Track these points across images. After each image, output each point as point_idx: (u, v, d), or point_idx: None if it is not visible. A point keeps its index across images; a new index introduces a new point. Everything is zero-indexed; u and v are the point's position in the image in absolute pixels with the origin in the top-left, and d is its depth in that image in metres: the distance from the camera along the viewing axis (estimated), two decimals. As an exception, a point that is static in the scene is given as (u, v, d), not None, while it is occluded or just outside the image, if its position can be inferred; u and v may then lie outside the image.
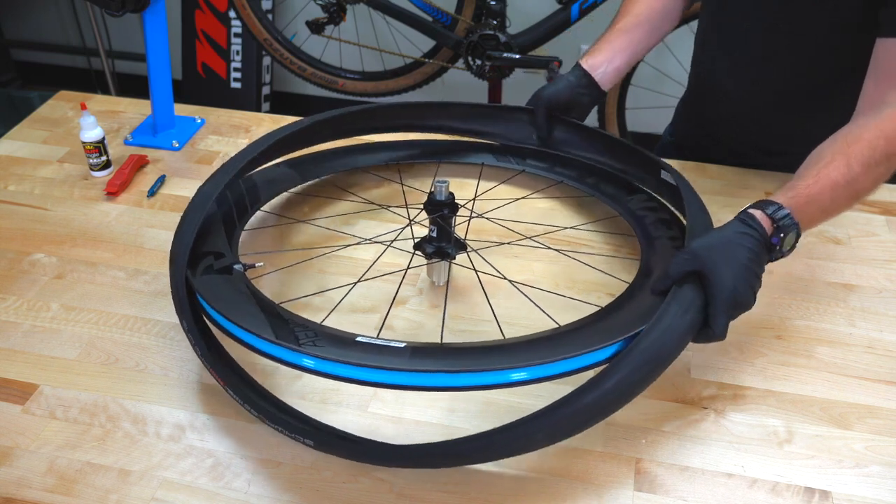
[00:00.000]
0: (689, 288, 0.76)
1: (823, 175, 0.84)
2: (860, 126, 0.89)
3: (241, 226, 0.99)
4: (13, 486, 0.75)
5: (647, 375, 0.72)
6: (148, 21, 1.21)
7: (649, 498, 0.75)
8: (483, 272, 0.97)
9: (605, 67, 1.12)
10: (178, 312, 0.83)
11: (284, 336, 0.74)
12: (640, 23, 1.15)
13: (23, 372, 0.87)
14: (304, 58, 2.42)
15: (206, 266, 0.86)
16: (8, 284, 0.99)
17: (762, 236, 0.78)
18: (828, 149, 0.87)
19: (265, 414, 0.78)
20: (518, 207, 1.12)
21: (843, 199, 0.86)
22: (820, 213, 0.85)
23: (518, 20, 2.22)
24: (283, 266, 1.01)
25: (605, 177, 1.12)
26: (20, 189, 1.17)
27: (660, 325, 0.73)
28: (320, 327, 0.78)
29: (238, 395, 0.79)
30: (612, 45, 1.13)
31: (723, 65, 1.18)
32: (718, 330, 0.74)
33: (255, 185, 1.07)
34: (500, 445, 0.72)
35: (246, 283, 0.85)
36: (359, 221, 1.10)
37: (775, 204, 0.80)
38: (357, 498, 0.74)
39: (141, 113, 1.37)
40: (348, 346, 0.74)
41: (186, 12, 2.81)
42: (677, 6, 1.18)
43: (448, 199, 0.93)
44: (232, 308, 0.77)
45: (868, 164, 0.85)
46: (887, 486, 0.76)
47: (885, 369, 0.88)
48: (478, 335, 0.92)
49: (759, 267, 0.77)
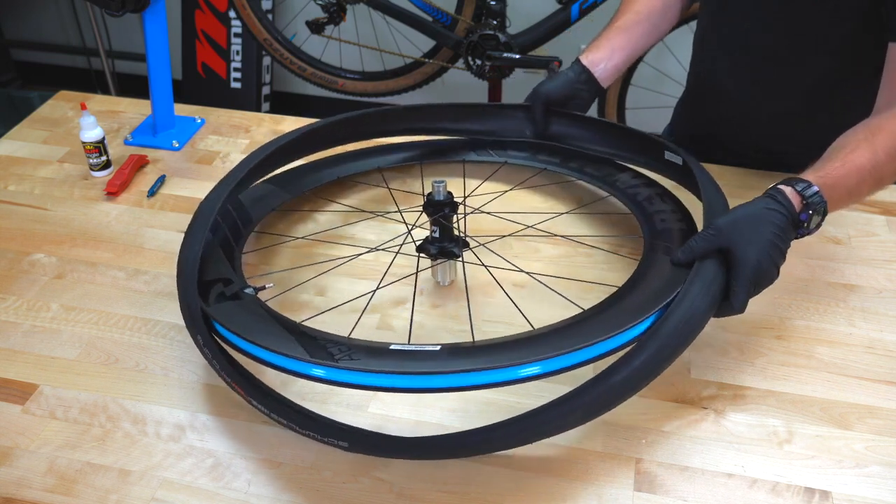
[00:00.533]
0: (711, 263, 0.77)
1: (850, 160, 0.85)
2: (883, 118, 0.90)
3: (238, 248, 0.98)
4: (13, 486, 0.75)
5: (672, 353, 0.73)
6: (148, 21, 1.21)
7: (649, 498, 0.75)
8: (494, 266, 0.96)
9: (605, 64, 1.12)
10: (190, 326, 0.82)
11: (318, 354, 0.73)
12: (640, 21, 1.15)
13: (23, 372, 0.87)
14: (304, 58, 2.42)
15: (218, 294, 0.85)
16: (8, 284, 0.99)
17: (790, 212, 0.79)
18: (852, 137, 0.88)
19: (294, 421, 0.77)
20: (508, 200, 1.12)
21: (867, 184, 0.87)
22: (847, 195, 0.85)
23: (518, 20, 2.22)
24: (291, 286, 0.98)
25: (588, 159, 1.13)
26: (20, 189, 1.17)
27: (684, 303, 0.74)
28: (350, 340, 0.77)
29: (269, 408, 0.78)
30: (612, 43, 1.14)
31: (723, 65, 1.18)
32: (738, 305, 0.76)
33: (243, 205, 1.05)
34: (537, 426, 0.72)
35: (262, 306, 0.84)
36: (353, 231, 1.09)
37: (805, 181, 0.81)
38: (357, 498, 0.74)
39: (141, 113, 1.37)
40: (383, 355, 0.74)
41: (186, 12, 2.81)
42: (677, 5, 1.19)
43: (447, 198, 0.93)
44: (258, 333, 0.76)
45: (892, 152, 0.86)
46: (887, 486, 0.76)
47: (885, 369, 0.88)
48: (497, 325, 0.91)
49: (785, 243, 0.78)
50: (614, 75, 1.15)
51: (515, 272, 0.97)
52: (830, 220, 1.10)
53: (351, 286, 0.99)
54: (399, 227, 1.07)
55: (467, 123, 1.18)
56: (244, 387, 0.78)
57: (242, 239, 1.01)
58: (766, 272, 0.77)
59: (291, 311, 0.95)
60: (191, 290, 0.83)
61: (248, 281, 0.91)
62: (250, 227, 1.03)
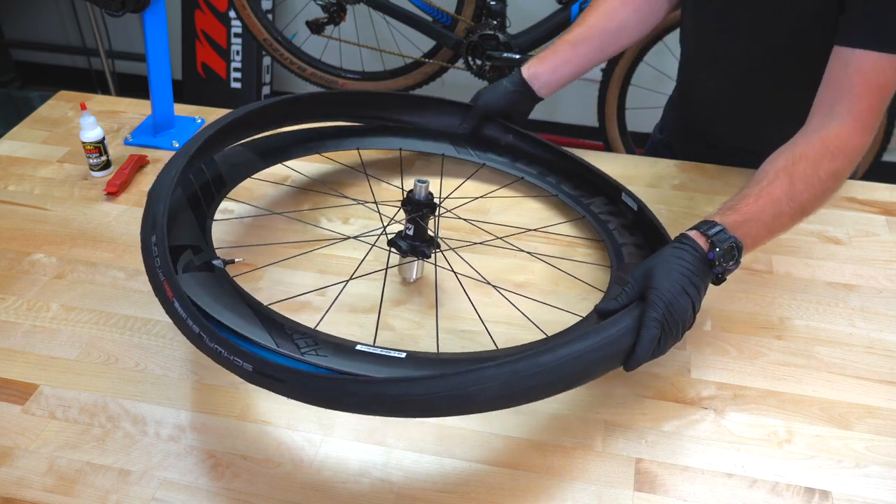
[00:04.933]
0: (631, 310, 0.75)
1: (766, 193, 0.85)
2: (806, 142, 0.90)
3: (210, 215, 0.97)
4: (13, 486, 0.75)
5: (543, 386, 0.69)
6: (148, 21, 1.21)
7: (649, 498, 0.75)
8: (462, 274, 0.97)
9: (548, 78, 1.14)
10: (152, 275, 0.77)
11: (285, 344, 0.73)
12: (592, 37, 1.15)
13: (23, 372, 0.87)
14: (304, 58, 2.42)
15: (187, 262, 0.84)
16: (8, 284, 0.99)
17: (699, 252, 0.79)
18: (772, 167, 0.88)
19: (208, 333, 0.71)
20: (482, 202, 1.13)
21: (787, 215, 0.86)
22: (765, 229, 0.85)
23: (518, 20, 2.22)
24: (263, 265, 1.00)
25: (566, 176, 1.13)
26: (20, 189, 1.17)
27: (584, 341, 0.70)
28: (318, 334, 0.77)
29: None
30: (559, 57, 1.14)
31: (703, 67, 1.19)
32: (646, 341, 0.72)
33: (219, 169, 1.04)
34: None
35: (230, 282, 0.84)
36: (329, 214, 1.10)
37: (709, 222, 0.82)
38: (357, 498, 0.74)
39: (141, 113, 1.37)
40: (350, 354, 0.74)
41: (186, 12, 2.81)
42: (639, 22, 1.17)
43: (427, 199, 0.93)
44: (227, 314, 0.76)
45: (811, 181, 0.86)
46: (887, 486, 0.76)
47: (886, 369, 0.88)
48: (461, 336, 0.92)
49: (697, 279, 0.77)
50: (556, 89, 1.16)
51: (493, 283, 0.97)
52: (830, 220, 1.11)
53: (316, 277, 0.99)
54: (372, 217, 1.07)
55: (406, 115, 1.19)
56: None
57: (215, 205, 0.99)
58: (678, 306, 0.74)
59: (254, 289, 0.95)
60: (162, 253, 0.77)
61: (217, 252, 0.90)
62: (224, 192, 1.03)
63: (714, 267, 0.79)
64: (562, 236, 1.07)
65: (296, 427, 0.81)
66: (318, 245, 1.03)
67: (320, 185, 1.15)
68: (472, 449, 0.79)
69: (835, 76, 0.92)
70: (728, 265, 0.80)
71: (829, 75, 0.93)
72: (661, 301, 0.74)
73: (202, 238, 0.89)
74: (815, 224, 1.11)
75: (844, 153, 0.89)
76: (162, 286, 0.74)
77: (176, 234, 0.88)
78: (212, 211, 0.97)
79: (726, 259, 0.79)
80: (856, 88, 0.90)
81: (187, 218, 0.92)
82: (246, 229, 1.08)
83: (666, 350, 0.76)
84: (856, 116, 0.90)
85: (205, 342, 0.70)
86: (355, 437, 0.80)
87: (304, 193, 1.15)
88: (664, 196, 1.16)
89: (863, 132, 0.90)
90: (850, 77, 0.90)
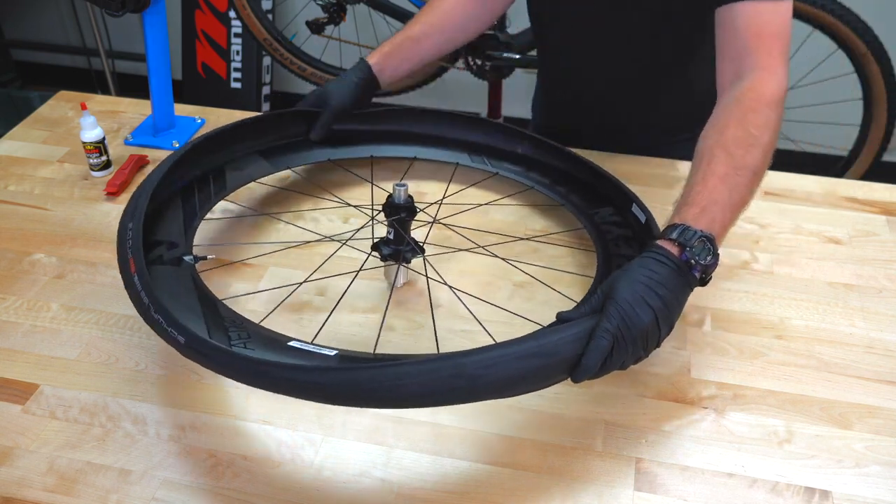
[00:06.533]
0: (584, 320, 0.70)
1: (710, 174, 0.81)
2: (724, 110, 0.88)
3: (201, 215, 0.97)
4: (13, 486, 0.75)
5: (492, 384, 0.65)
6: (148, 21, 1.21)
7: (649, 498, 0.75)
8: (433, 279, 0.96)
9: (391, 73, 1.16)
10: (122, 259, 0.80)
11: (216, 336, 0.73)
12: (432, 34, 1.18)
13: (23, 372, 0.87)
14: (304, 58, 2.42)
15: (157, 256, 0.85)
16: (8, 284, 0.99)
17: (668, 258, 0.73)
18: (704, 147, 0.85)
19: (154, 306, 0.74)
20: (484, 211, 1.12)
21: (742, 186, 0.81)
22: (726, 210, 0.79)
23: (518, 20, 2.21)
24: (238, 259, 1.00)
25: (576, 186, 1.11)
26: (20, 189, 1.17)
27: (533, 342, 0.66)
28: (256, 327, 0.78)
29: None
30: (402, 53, 1.17)
31: (567, 54, 1.23)
32: (589, 353, 0.67)
33: (224, 173, 1.04)
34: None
35: (193, 277, 0.84)
36: (325, 218, 1.10)
37: (671, 226, 0.77)
38: (357, 498, 0.74)
39: (141, 113, 1.37)
40: (279, 350, 0.74)
41: (186, 12, 2.81)
42: (483, 17, 1.22)
43: (406, 202, 0.92)
44: (172, 304, 0.76)
45: (747, 142, 0.83)
46: (887, 486, 0.76)
47: (886, 369, 0.88)
48: (462, 336, 0.92)
49: (663, 289, 0.71)
50: (397, 82, 1.20)
51: (522, 275, 0.97)
52: (830, 220, 1.11)
53: (290, 274, 1.00)
54: (365, 221, 1.08)
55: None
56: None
57: (209, 205, 1.00)
58: (635, 318, 0.69)
59: (237, 285, 0.95)
60: (136, 238, 0.80)
61: (197, 249, 0.91)
62: (223, 194, 1.03)
63: (693, 268, 0.74)
64: (559, 246, 1.06)
65: (296, 427, 0.81)
66: (294, 244, 1.04)
67: (319, 188, 1.15)
68: (472, 449, 0.79)
69: (727, 42, 0.92)
70: (707, 261, 0.74)
71: (722, 43, 0.93)
72: (616, 312, 0.68)
73: (183, 236, 0.90)
74: (815, 224, 1.11)
75: (764, 101, 0.86)
76: (128, 263, 0.78)
77: (158, 229, 0.90)
78: (204, 211, 0.98)
79: (702, 256, 0.74)
80: (750, 43, 0.89)
81: (174, 216, 0.93)
82: (246, 229, 1.08)
83: (624, 365, 0.70)
84: (762, 67, 0.89)
85: (150, 313, 0.74)
86: (355, 436, 0.80)
87: (304, 195, 1.14)
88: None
89: (774, 77, 0.88)
90: (740, 36, 0.90)
